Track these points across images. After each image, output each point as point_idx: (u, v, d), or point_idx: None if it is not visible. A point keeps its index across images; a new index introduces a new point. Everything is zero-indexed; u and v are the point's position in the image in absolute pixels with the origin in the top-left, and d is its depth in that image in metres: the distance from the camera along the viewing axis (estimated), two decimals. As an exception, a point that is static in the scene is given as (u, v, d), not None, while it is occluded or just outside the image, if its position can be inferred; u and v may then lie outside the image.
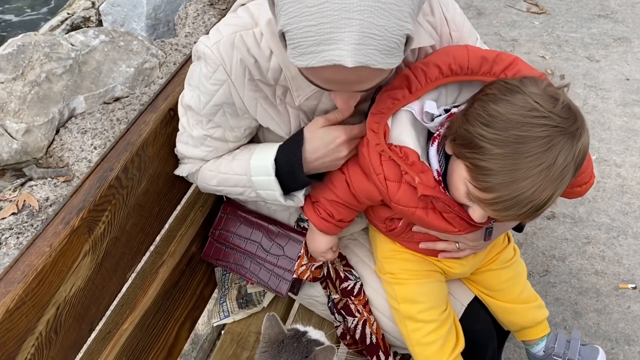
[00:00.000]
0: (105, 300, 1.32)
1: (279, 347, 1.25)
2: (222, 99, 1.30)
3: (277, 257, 1.56)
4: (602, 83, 3.42)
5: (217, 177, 1.46)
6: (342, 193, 1.38)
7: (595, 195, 2.85)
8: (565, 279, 2.53)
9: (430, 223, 1.30)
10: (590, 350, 1.55)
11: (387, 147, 1.22)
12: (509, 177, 1.09)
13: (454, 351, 1.45)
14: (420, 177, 1.22)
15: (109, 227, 1.31)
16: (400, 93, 1.25)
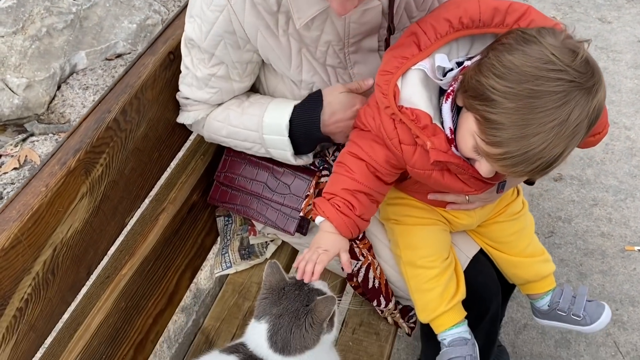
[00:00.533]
0: (104, 244, 1.30)
1: (280, 294, 1.23)
2: (222, 27, 1.28)
3: (284, 195, 1.53)
4: (613, 45, 3.35)
5: (226, 129, 1.44)
6: (362, 176, 1.30)
7: (604, 157, 2.81)
8: (570, 240, 2.51)
9: (447, 185, 1.27)
10: (596, 306, 1.52)
11: (398, 110, 1.18)
12: (520, 132, 1.05)
13: (453, 299, 1.43)
14: (433, 141, 1.18)
15: (107, 170, 1.28)
16: (408, 51, 1.20)
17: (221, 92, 1.40)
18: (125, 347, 1.36)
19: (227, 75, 1.37)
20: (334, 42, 1.33)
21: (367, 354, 1.52)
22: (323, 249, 1.28)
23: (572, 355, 2.18)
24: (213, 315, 1.60)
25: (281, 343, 1.19)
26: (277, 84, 1.44)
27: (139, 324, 1.40)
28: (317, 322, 1.18)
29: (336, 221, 1.30)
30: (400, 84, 1.18)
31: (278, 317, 1.19)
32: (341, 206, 1.30)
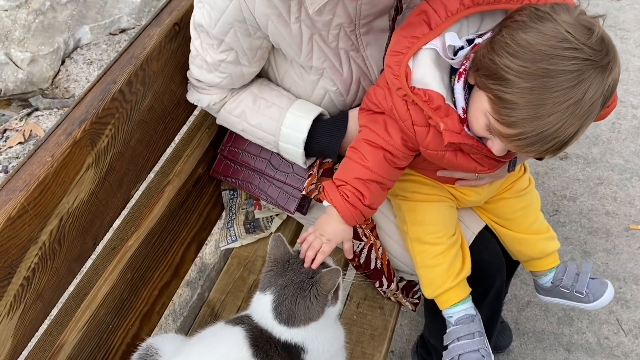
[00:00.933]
0: (110, 215, 1.30)
1: (285, 266, 1.23)
2: (232, 15, 1.26)
3: (286, 174, 1.53)
4: (622, 23, 3.31)
5: (242, 125, 1.45)
6: (376, 165, 1.29)
7: (610, 136, 2.79)
8: (575, 218, 2.51)
9: (460, 164, 1.27)
10: (599, 284, 1.53)
11: (410, 91, 1.16)
12: (534, 112, 1.04)
13: (459, 275, 1.44)
14: (445, 123, 1.16)
15: (113, 141, 1.28)
16: (419, 30, 1.18)
17: (231, 77, 1.39)
18: (132, 317, 1.37)
19: (237, 61, 1.36)
20: (346, 24, 1.31)
21: (372, 328, 1.53)
22: (326, 237, 1.29)
23: (575, 332, 2.19)
24: (218, 288, 1.61)
25: (286, 314, 1.19)
26: (287, 68, 1.43)
27: (145, 295, 1.40)
28: (321, 294, 1.18)
29: (342, 211, 1.29)
30: (412, 65, 1.16)
31: (283, 288, 1.20)
32: (350, 196, 1.28)
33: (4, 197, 1.09)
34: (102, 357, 1.30)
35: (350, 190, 1.29)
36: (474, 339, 1.41)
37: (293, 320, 1.19)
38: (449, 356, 1.43)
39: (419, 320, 2.20)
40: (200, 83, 1.44)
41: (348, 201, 1.29)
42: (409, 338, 2.18)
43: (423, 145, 1.25)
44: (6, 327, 1.09)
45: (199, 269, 2.32)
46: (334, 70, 1.38)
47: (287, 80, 1.46)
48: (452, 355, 1.42)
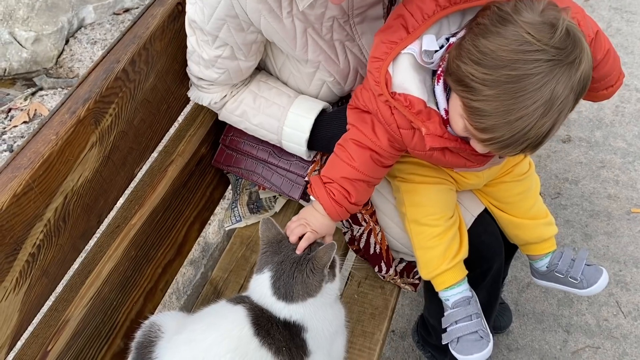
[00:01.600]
0: (113, 194, 1.32)
1: (279, 245, 1.26)
2: (224, 11, 1.26)
3: (290, 162, 1.54)
4: (628, 5, 3.29)
5: (244, 124, 1.48)
6: (363, 165, 1.30)
7: (614, 119, 2.79)
8: (577, 201, 2.51)
9: (449, 162, 1.28)
10: (594, 270, 1.54)
11: (391, 97, 1.16)
12: (503, 119, 1.04)
13: (455, 258, 1.45)
14: (427, 127, 1.17)
15: (116, 120, 1.29)
16: (396, 35, 1.17)
17: (229, 72, 1.39)
18: (136, 294, 1.39)
19: (233, 56, 1.36)
20: (339, 16, 1.32)
21: (372, 306, 1.55)
22: (312, 228, 1.30)
23: (574, 314, 2.21)
24: (221, 266, 1.63)
25: (284, 289, 1.22)
26: (284, 60, 1.44)
27: (149, 272, 1.42)
28: (318, 268, 1.20)
29: (328, 208, 1.31)
30: (392, 70, 1.16)
31: (280, 264, 1.23)
32: (336, 195, 1.30)
33: (9, 174, 1.10)
34: (107, 333, 1.32)
35: (336, 188, 1.31)
36: (471, 321, 1.43)
37: (291, 295, 1.21)
38: (448, 339, 1.45)
39: (419, 301, 2.22)
40: (200, 81, 1.44)
41: (334, 199, 1.31)
42: (410, 318, 2.20)
43: (410, 147, 1.26)
44: (12, 302, 1.11)
45: (203, 249, 2.34)
46: (329, 62, 1.39)
47: (285, 72, 1.46)
48: (452, 337, 1.44)
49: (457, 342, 1.43)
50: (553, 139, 2.72)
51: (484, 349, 1.40)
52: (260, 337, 1.22)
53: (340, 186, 1.31)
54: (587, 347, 2.13)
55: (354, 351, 1.47)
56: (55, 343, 1.21)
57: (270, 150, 1.56)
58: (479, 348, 1.40)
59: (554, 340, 2.15)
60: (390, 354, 2.14)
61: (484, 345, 1.41)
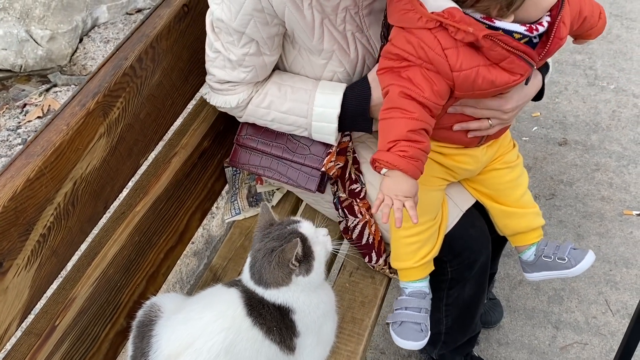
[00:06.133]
0: (119, 182, 1.41)
1: (264, 232, 1.34)
2: (251, 5, 1.34)
3: (304, 156, 1.59)
4: (628, 12, 3.35)
5: (272, 114, 1.52)
6: (421, 114, 1.30)
7: (610, 124, 2.85)
8: (570, 202, 2.58)
9: (494, 80, 1.31)
10: (580, 251, 1.60)
11: (432, 15, 1.25)
12: None
13: (425, 257, 1.54)
14: (473, 26, 1.25)
15: (124, 113, 1.38)
16: None
17: (255, 69, 1.46)
18: (139, 277, 1.48)
19: (259, 51, 1.43)
20: (351, 7, 1.41)
21: (362, 295, 1.63)
22: (403, 195, 1.29)
23: (564, 311, 2.27)
24: (221, 254, 1.71)
25: (257, 275, 1.31)
26: (295, 55, 1.51)
27: (152, 257, 1.51)
28: (282, 262, 1.28)
29: (406, 168, 1.28)
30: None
31: (257, 252, 1.32)
32: (409, 151, 1.27)
33: (24, 160, 1.19)
34: (111, 312, 1.41)
35: (407, 145, 1.28)
36: (419, 313, 1.54)
37: (265, 282, 1.31)
38: (393, 319, 1.56)
39: (413, 295, 2.30)
40: (225, 84, 1.49)
41: (407, 156, 1.28)
42: (404, 311, 2.28)
43: (456, 68, 1.28)
44: (24, 278, 1.20)
45: (206, 240, 2.43)
46: (342, 52, 1.47)
47: (296, 66, 1.54)
48: (396, 319, 1.55)
49: (400, 325, 1.54)
50: (549, 141, 2.80)
51: (419, 341, 1.52)
52: (252, 317, 1.31)
53: (408, 141, 1.28)
54: (575, 343, 2.19)
55: (344, 336, 1.55)
56: (62, 319, 1.30)
57: (284, 146, 1.61)
58: (415, 338, 1.52)
59: (543, 335, 2.22)
60: (384, 346, 2.21)
61: (421, 338, 1.52)
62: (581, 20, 1.47)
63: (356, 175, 1.62)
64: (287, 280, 1.32)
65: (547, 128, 2.86)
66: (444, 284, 1.69)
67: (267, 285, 1.33)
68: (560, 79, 3.06)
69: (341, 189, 1.63)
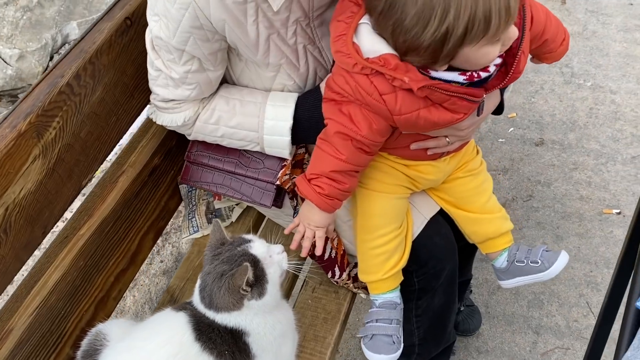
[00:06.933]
0: (60, 205, 1.35)
1: (215, 252, 1.27)
2: (189, 23, 1.28)
3: (258, 170, 1.54)
4: (604, 8, 3.31)
5: (222, 130, 1.47)
6: (351, 156, 1.31)
7: (587, 121, 2.81)
8: (549, 203, 2.53)
9: (436, 120, 1.27)
10: (553, 253, 1.55)
11: (366, 62, 1.19)
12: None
13: (393, 269, 1.48)
14: (409, 76, 1.19)
15: (61, 133, 1.32)
16: (349, 11, 1.23)
17: (200, 85, 1.40)
18: (86, 303, 1.42)
19: (202, 68, 1.37)
20: (301, 18, 1.35)
21: (325, 311, 1.57)
22: (314, 225, 1.39)
23: (544, 315, 2.22)
24: (179, 275, 1.66)
25: (208, 299, 1.25)
26: (243, 68, 1.46)
27: (100, 282, 1.45)
28: (232, 288, 1.22)
29: (319, 204, 1.34)
30: (358, 41, 1.21)
31: (206, 275, 1.25)
32: (325, 188, 1.32)
33: (-51, 188, 1.13)
34: (55, 342, 1.35)
35: (324, 182, 1.33)
36: (390, 325, 1.48)
37: (214, 306, 1.24)
38: (364, 332, 1.50)
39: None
40: (170, 102, 1.44)
41: (323, 194, 1.33)
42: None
43: (396, 112, 1.25)
44: (-47, 313, 1.14)
45: (175, 258, 2.37)
46: (290, 66, 1.42)
47: (244, 79, 1.48)
48: (367, 332, 1.49)
49: (371, 338, 1.48)
50: (526, 142, 2.74)
51: (391, 353, 1.46)
52: (201, 342, 1.25)
53: (329, 179, 1.32)
54: (557, 348, 2.13)
55: (305, 355, 1.49)
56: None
57: (236, 161, 1.57)
58: (387, 350, 1.45)
59: (523, 342, 2.16)
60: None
61: (393, 350, 1.46)
62: (541, 42, 1.41)
63: None
64: (238, 305, 1.25)
65: (523, 129, 2.81)
66: (412, 295, 1.63)
67: (218, 310, 1.26)
68: (536, 79, 3.01)
69: (300, 203, 1.57)
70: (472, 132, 1.42)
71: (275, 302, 1.31)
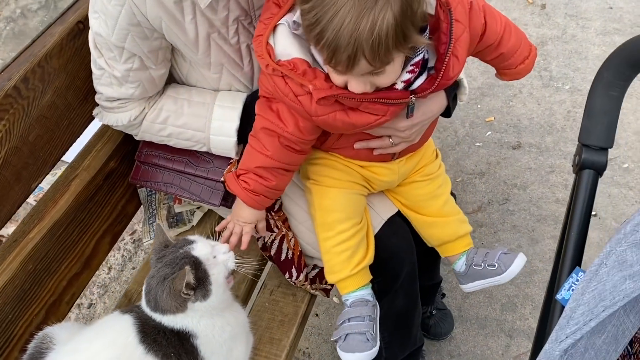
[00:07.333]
0: (7, 208, 1.34)
1: (159, 255, 1.27)
2: (126, 20, 1.28)
3: (207, 169, 1.55)
4: (583, 12, 3.31)
5: (168, 129, 1.47)
6: (276, 153, 1.33)
7: (565, 124, 2.79)
8: (524, 206, 2.51)
9: (355, 122, 1.27)
10: (511, 255, 1.53)
11: (276, 65, 1.20)
12: (326, 19, 1.06)
13: (360, 264, 1.47)
14: (314, 84, 1.20)
15: (8, 136, 1.32)
16: (269, 12, 1.23)
17: (142, 83, 1.40)
18: (36, 307, 1.41)
19: (144, 66, 1.37)
20: (242, 17, 1.35)
21: (282, 314, 1.56)
22: (242, 221, 1.41)
23: (518, 318, 2.20)
24: (137, 279, 1.65)
25: (153, 303, 1.24)
26: (189, 68, 1.46)
27: (51, 285, 1.44)
28: (174, 291, 1.22)
29: (245, 199, 1.37)
30: (273, 42, 1.21)
31: (150, 278, 1.25)
32: (251, 184, 1.36)
33: None
34: (1, 346, 1.34)
35: (251, 178, 1.35)
36: (363, 322, 1.44)
37: (160, 309, 1.24)
38: (337, 335, 1.46)
39: (360, 310, 2.22)
40: (114, 102, 1.44)
41: (248, 189, 1.36)
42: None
43: (313, 114, 1.26)
44: None
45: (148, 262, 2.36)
46: (233, 65, 1.41)
47: (191, 79, 1.49)
48: (340, 334, 1.45)
49: (345, 339, 1.44)
50: (503, 145, 2.73)
51: (365, 351, 1.41)
52: (145, 344, 1.24)
53: (255, 175, 1.35)
54: (529, 351, 2.11)
55: (260, 358, 1.47)
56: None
57: (186, 160, 1.57)
58: (361, 348, 1.41)
59: (496, 345, 2.14)
60: (331, 365, 2.14)
61: (367, 348, 1.41)
62: (496, 55, 1.39)
63: None
64: (182, 308, 1.25)
65: (501, 132, 2.80)
66: (372, 297, 1.62)
67: (164, 312, 1.26)
68: (515, 83, 3.00)
69: None
70: (416, 134, 1.41)
71: (223, 304, 1.31)
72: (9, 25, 3.47)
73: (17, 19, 3.51)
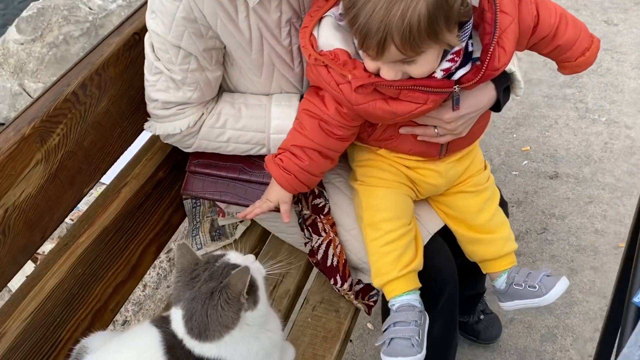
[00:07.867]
0: (60, 211, 1.35)
1: (192, 275, 1.16)
2: (183, 15, 1.31)
3: (262, 174, 1.52)
4: (618, 46, 3.31)
5: (228, 133, 1.48)
6: (313, 133, 1.36)
7: (602, 156, 2.77)
8: (563, 236, 2.48)
9: (395, 110, 1.28)
10: (553, 278, 1.50)
11: (319, 55, 1.25)
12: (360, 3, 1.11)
13: (408, 266, 1.43)
14: (353, 74, 1.24)
15: (64, 140, 1.34)
16: (317, 5, 1.29)
17: (200, 86, 1.41)
18: (82, 312, 1.41)
19: (200, 66, 1.39)
20: (294, 19, 1.37)
21: (325, 330, 1.54)
22: (266, 198, 1.43)
23: (558, 350, 2.14)
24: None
25: (197, 329, 1.13)
26: (238, 77, 1.48)
27: (98, 292, 1.44)
28: (233, 297, 1.12)
29: (277, 176, 1.39)
30: (317, 34, 1.26)
31: (191, 301, 1.13)
32: (284, 161, 1.38)
33: (-50, 186, 1.15)
34: (48, 349, 1.33)
35: (286, 155, 1.39)
36: (408, 326, 1.40)
37: (207, 333, 1.13)
38: (382, 339, 1.43)
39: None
40: (172, 108, 1.43)
41: (282, 166, 1.38)
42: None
43: (354, 102, 1.28)
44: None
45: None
46: (284, 66, 1.44)
47: (241, 87, 1.50)
48: (385, 338, 1.42)
49: (389, 344, 1.40)
50: (540, 175, 2.71)
51: (409, 356, 1.36)
52: None
53: (290, 153, 1.38)
54: (571, 383, 2.05)
55: (303, 373, 1.45)
56: (-10, 356, 1.23)
57: (240, 167, 1.55)
58: (405, 353, 1.37)
59: (536, 377, 2.09)
60: (367, 390, 2.09)
61: (412, 353, 1.37)
62: (553, 47, 1.38)
63: (319, 190, 1.56)
64: (236, 320, 1.14)
65: (537, 162, 2.79)
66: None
67: (212, 337, 1.14)
68: (551, 113, 3.00)
69: (305, 206, 1.56)
70: (463, 127, 1.39)
71: (265, 316, 1.22)
72: (51, 50, 3.56)
73: (60, 44, 3.59)
